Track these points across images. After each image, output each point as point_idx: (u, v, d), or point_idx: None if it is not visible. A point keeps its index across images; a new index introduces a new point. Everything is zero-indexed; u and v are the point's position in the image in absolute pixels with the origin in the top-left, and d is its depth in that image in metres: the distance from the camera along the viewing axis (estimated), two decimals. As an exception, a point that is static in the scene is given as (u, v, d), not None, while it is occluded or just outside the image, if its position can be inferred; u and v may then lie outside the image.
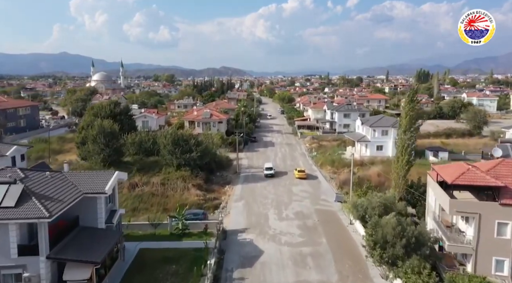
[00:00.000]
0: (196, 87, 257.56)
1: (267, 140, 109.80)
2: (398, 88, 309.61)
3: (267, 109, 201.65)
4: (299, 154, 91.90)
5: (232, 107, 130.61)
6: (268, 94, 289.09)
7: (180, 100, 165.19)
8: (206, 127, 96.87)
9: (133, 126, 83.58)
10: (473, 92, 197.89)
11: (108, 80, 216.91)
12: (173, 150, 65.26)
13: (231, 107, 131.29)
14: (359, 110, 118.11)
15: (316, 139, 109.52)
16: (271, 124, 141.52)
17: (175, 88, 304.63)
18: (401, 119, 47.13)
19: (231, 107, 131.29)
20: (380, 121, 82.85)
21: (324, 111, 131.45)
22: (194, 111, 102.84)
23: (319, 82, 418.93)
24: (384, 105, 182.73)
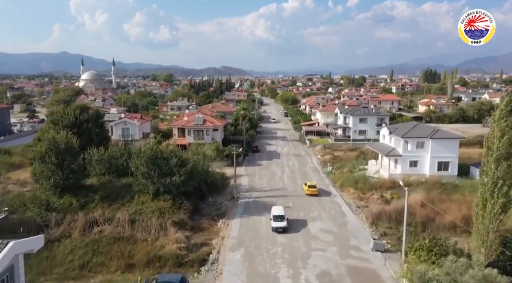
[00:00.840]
0: (193, 87, 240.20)
1: (271, 150, 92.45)
2: (406, 88, 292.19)
3: (269, 111, 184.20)
4: (310, 169, 74.63)
5: (230, 110, 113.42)
6: (270, 94, 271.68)
7: (173, 102, 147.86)
8: (198, 136, 79.63)
9: (105, 137, 66.21)
10: (496, 93, 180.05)
11: (98, 79, 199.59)
12: (149, 173, 47.98)
13: (228, 110, 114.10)
14: (377, 114, 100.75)
15: (329, 149, 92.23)
16: (275, 130, 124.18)
17: (171, 88, 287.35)
18: (487, 140, 29.52)
19: (228, 110, 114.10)
20: (414, 131, 65.37)
21: (335, 115, 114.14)
22: (184, 116, 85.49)
23: (321, 82, 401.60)
24: (397, 107, 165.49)
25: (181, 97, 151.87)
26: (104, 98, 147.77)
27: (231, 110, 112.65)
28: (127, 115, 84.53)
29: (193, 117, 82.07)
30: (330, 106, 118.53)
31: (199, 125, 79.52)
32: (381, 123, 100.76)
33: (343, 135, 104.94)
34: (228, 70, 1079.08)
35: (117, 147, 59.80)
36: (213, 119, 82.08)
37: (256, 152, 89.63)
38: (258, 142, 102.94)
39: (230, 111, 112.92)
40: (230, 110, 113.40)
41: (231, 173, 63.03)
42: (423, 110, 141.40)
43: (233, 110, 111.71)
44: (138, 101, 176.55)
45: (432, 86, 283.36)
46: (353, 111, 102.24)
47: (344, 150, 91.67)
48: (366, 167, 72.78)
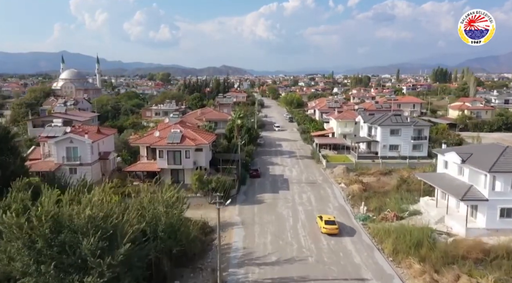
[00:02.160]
0: (188, 87, 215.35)
1: (275, 174, 67.87)
2: (417, 88, 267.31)
3: (271, 114, 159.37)
4: (336, 210, 50.05)
5: (224, 118, 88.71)
6: (271, 95, 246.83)
7: (160, 105, 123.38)
8: (174, 160, 55.06)
9: (21, 170, 41.53)
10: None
11: (80, 79, 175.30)
12: (35, 270, 23.36)
13: (222, 118, 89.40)
14: (414, 125, 76.07)
15: (354, 172, 67.73)
16: (279, 141, 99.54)
17: (165, 87, 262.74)
18: None
19: (222, 118, 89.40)
20: (506, 159, 40.67)
21: (354, 124, 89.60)
22: (156, 130, 60.60)
23: (324, 82, 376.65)
24: (419, 110, 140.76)
25: (168, 100, 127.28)
26: (77, 101, 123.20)
27: (225, 118, 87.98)
28: (74, 128, 59.80)
29: (167, 132, 57.48)
30: (348, 113, 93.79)
31: (176, 145, 54.92)
32: (419, 136, 76.15)
33: (368, 150, 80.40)
34: (228, 70, 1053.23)
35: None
36: (196, 135, 57.44)
37: (256, 177, 65.14)
38: (258, 159, 78.41)
39: (224, 119, 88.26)
40: (224, 117, 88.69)
41: (217, 218, 38.42)
42: (455, 116, 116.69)
43: (227, 118, 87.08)
44: (123, 103, 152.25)
45: (446, 86, 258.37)
46: (381, 120, 77.58)
47: (375, 173, 67.12)
48: (418, 209, 48.27)
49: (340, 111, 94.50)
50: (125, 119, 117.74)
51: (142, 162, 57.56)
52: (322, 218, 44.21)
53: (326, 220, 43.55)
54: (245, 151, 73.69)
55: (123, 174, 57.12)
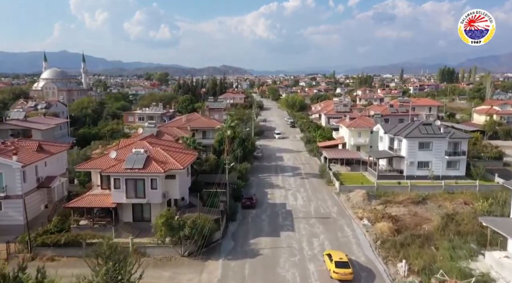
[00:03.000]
0: (182, 88, 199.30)
1: (275, 203, 51.90)
2: (425, 88, 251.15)
3: (271, 118, 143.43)
4: (362, 270, 34.15)
5: (213, 126, 72.60)
6: (271, 96, 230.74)
7: (145, 109, 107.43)
8: (136, 191, 39.25)
9: None
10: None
11: (63, 78, 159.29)
12: None
13: (210, 126, 73.37)
14: (450, 137, 60.15)
15: (377, 200, 51.97)
16: (280, 152, 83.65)
17: (159, 88, 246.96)
18: None
19: (210, 126, 73.37)
20: None
21: (370, 133, 73.83)
22: (113, 150, 44.37)
23: (325, 82, 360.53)
24: (436, 114, 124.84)
25: (154, 103, 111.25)
26: (50, 104, 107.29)
27: (215, 126, 71.93)
28: (7, 145, 43.83)
29: (129, 151, 41.59)
30: (362, 120, 77.76)
31: (137, 171, 39.03)
32: (455, 151, 60.28)
33: (390, 168, 64.57)
34: (228, 70, 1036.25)
35: None
36: (168, 156, 41.57)
37: (250, 208, 49.33)
38: (255, 179, 62.62)
39: (213, 127, 72.24)
40: (213, 125, 72.63)
41: None
42: (481, 121, 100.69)
43: (217, 126, 71.09)
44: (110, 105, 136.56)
45: (456, 87, 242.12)
46: (406, 130, 61.71)
47: (404, 202, 51.25)
48: (485, 270, 32.47)
49: (352, 118, 78.47)
50: (103, 125, 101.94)
51: (93, 193, 41.62)
52: (332, 257, 33.47)
53: (337, 261, 32.75)
54: (237, 169, 57.91)
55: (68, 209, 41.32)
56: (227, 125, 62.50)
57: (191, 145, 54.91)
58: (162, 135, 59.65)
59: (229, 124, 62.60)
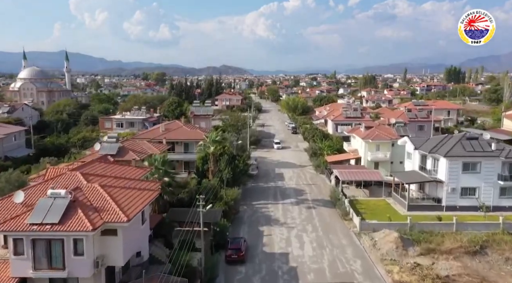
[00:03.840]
0: (175, 88, 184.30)
1: (274, 253, 36.65)
2: (432, 89, 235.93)
3: (271, 121, 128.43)
4: None
5: (196, 138, 57.24)
6: (271, 97, 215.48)
7: (126, 114, 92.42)
8: (50, 259, 24.46)
9: None
10: None
11: (43, 78, 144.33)
12: None
13: (193, 138, 58.04)
14: (505, 155, 44.99)
15: (414, 247, 36.95)
16: (280, 167, 68.49)
17: (152, 88, 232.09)
18: None
19: (193, 138, 58.04)
20: None
21: (391, 146, 58.92)
22: (21, 190, 29.31)
23: (326, 82, 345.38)
24: (456, 119, 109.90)
25: (136, 107, 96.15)
26: (14, 107, 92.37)
27: (199, 138, 56.74)
28: None
29: (39, 194, 26.61)
30: (381, 129, 62.44)
31: (49, 228, 24.01)
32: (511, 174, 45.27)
33: (422, 194, 49.57)
34: (228, 69, 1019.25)
35: None
36: (108, 199, 26.71)
37: (238, 262, 34.37)
38: (247, 209, 47.67)
39: (197, 139, 57.05)
40: (197, 137, 57.40)
41: None
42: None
43: (202, 138, 55.88)
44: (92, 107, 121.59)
45: (465, 87, 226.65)
46: (444, 146, 46.67)
47: (454, 251, 36.27)
48: None
49: (368, 127, 63.31)
50: (74, 133, 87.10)
51: (-11, 258, 26.56)
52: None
53: None
54: (223, 200, 43.02)
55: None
56: (210, 140, 47.44)
57: (159, 167, 39.77)
58: (124, 153, 44.81)
59: (213, 138, 47.54)
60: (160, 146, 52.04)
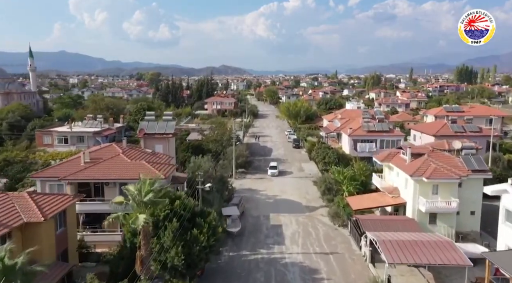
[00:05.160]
0: (160, 90, 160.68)
1: None
2: (445, 90, 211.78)
3: (268, 130, 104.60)
4: None
5: (132, 177, 33.34)
6: (269, 98, 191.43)
7: (76, 125, 68.68)
8: None
9: None
10: None
11: (1, 78, 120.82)
12: None
13: (126, 177, 34.03)
14: None
15: None
16: (278, 209, 44.40)
17: (138, 90, 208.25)
18: None
19: (126, 177, 34.03)
20: None
21: (458, 187, 34.96)
22: None
23: (328, 82, 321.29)
24: (500, 128, 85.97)
25: (90, 115, 72.16)
26: None
27: (134, 177, 32.92)
28: None
29: None
30: (438, 159, 38.12)
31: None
32: None
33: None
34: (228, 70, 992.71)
35: None
36: None
37: None
38: None
39: (133, 179, 33.20)
40: (131, 177, 33.67)
41: None
42: None
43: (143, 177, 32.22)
44: (54, 113, 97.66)
45: (483, 88, 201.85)
46: None
47: None
48: None
49: (418, 154, 39.06)
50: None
51: None
52: None
53: None
54: None
55: None
56: (138, 200, 23.64)
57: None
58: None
59: (142, 198, 23.68)
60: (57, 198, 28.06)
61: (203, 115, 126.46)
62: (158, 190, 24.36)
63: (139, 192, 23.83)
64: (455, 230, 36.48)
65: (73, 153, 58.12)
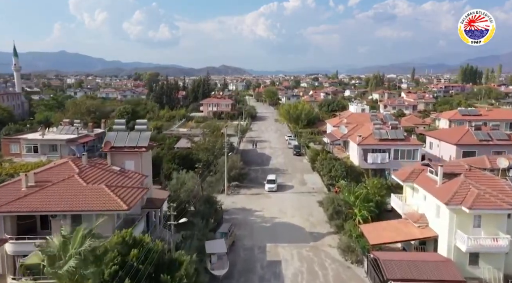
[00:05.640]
0: (154, 91, 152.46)
1: None
2: (450, 91, 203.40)
3: (266, 135, 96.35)
4: None
5: (97, 208, 25.30)
6: (268, 99, 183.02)
7: (51, 131, 60.76)
8: None
9: None
10: None
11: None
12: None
13: (86, 211, 26.09)
14: None
15: None
16: (277, 236, 36.13)
17: (132, 90, 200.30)
18: None
19: (86, 211, 26.09)
20: None
21: (507, 218, 26.60)
22: None
23: (328, 82, 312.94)
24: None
25: (67, 120, 64.01)
26: None
27: (100, 208, 24.81)
28: None
29: None
30: (480, 181, 29.94)
31: None
32: None
33: None
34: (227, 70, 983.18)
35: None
36: None
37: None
38: None
39: (94, 210, 25.06)
40: (97, 207, 25.49)
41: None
42: None
43: (103, 209, 24.12)
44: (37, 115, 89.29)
45: (491, 88, 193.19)
46: None
47: None
48: None
49: (452, 174, 30.87)
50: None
51: None
52: None
53: None
54: None
55: None
56: (57, 266, 15.49)
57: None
58: None
59: (61, 266, 15.56)
60: None
61: (198, 118, 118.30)
62: (90, 250, 16.05)
63: (62, 251, 15.55)
64: (503, 273, 28.31)
65: (42, 164, 50.04)
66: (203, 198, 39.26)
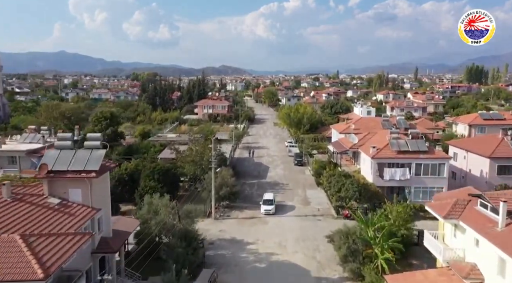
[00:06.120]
0: (146, 92, 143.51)
1: None
2: (457, 91, 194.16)
3: (264, 141, 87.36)
4: None
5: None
6: (268, 100, 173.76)
7: (14, 139, 52.05)
8: None
9: None
10: None
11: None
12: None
13: None
14: None
15: None
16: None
17: (126, 91, 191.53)
18: None
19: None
20: None
21: None
22: None
23: (329, 82, 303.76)
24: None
25: (33, 126, 55.19)
26: None
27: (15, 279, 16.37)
28: None
29: None
30: None
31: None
32: None
33: None
34: (227, 70, 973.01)
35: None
36: None
37: None
38: None
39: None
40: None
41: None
42: None
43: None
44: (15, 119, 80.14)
45: (500, 89, 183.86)
46: None
47: None
48: None
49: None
50: None
51: None
52: None
53: None
54: None
55: None
56: None
57: None
58: None
59: None
60: None
61: (192, 121, 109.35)
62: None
63: None
64: None
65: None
66: (179, 232, 30.19)
